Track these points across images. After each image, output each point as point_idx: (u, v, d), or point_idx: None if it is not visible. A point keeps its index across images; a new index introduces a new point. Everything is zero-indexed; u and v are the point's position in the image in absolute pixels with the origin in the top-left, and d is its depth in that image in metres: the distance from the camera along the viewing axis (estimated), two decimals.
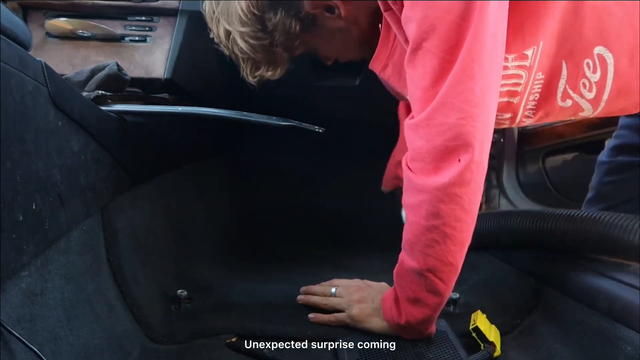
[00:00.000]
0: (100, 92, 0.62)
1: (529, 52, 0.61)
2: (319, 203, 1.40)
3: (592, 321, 0.58)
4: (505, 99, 0.64)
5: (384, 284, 0.76)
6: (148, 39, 0.91)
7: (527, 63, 0.62)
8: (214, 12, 0.67)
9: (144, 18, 0.92)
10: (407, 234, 0.59)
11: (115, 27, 0.90)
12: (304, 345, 0.65)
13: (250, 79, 0.71)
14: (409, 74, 0.56)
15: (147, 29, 0.92)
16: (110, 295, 0.58)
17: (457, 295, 0.77)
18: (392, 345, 0.63)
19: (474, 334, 0.66)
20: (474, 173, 0.53)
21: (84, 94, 0.61)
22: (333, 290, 0.74)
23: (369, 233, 1.32)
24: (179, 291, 0.70)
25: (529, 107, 0.65)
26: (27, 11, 0.90)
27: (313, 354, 0.63)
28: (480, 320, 0.65)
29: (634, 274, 0.55)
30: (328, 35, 0.67)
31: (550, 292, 0.67)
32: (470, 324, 0.66)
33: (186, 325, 0.66)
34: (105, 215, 0.61)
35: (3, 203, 0.37)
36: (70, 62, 0.86)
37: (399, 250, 0.66)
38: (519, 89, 0.63)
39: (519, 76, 0.63)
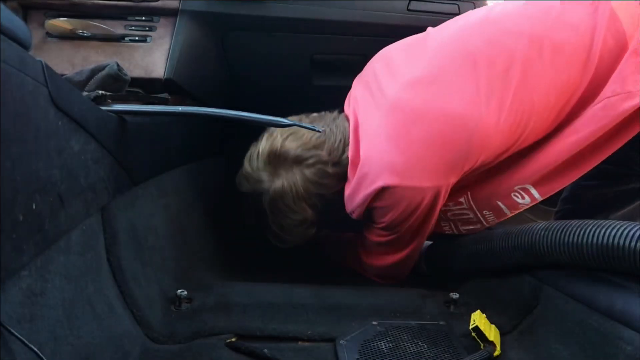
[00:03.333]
0: (100, 92, 0.62)
1: (462, 199, 0.83)
2: None
3: (592, 321, 0.58)
4: (471, 227, 0.86)
5: None
6: (148, 39, 0.91)
7: (465, 206, 0.84)
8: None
9: (144, 18, 0.92)
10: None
11: (115, 27, 0.90)
12: (304, 345, 0.65)
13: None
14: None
15: (147, 29, 0.92)
16: (110, 295, 0.58)
17: (457, 295, 0.77)
18: (392, 345, 0.64)
19: (474, 334, 0.66)
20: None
21: (84, 94, 0.61)
22: None
23: None
24: (179, 291, 0.70)
25: (491, 221, 0.84)
26: (27, 11, 0.90)
27: (313, 354, 0.63)
28: (480, 320, 0.66)
29: (634, 274, 0.55)
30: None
31: (550, 292, 0.67)
32: (470, 324, 0.66)
33: (186, 325, 0.66)
34: (105, 215, 0.61)
35: (3, 203, 0.37)
36: (70, 62, 0.86)
37: None
38: (473, 218, 0.85)
39: (466, 214, 0.85)
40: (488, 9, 0.81)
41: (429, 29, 0.86)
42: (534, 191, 0.76)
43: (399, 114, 0.72)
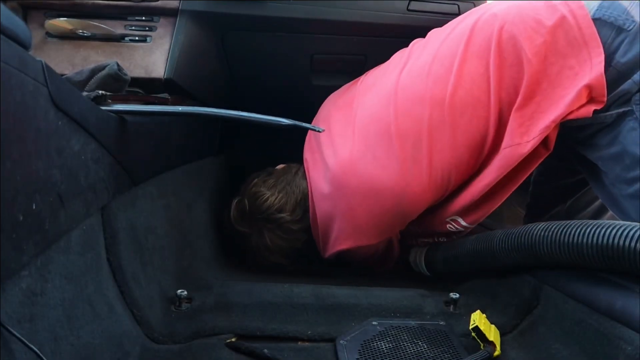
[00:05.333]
0: (100, 92, 0.62)
1: (410, 227, 0.93)
2: None
3: (592, 321, 0.58)
4: (425, 240, 0.99)
5: None
6: (148, 39, 0.91)
7: (413, 231, 0.97)
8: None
9: (144, 18, 0.92)
10: None
11: (115, 27, 0.90)
12: (304, 345, 0.65)
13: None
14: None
15: (147, 29, 0.92)
16: (110, 295, 0.58)
17: (457, 295, 0.77)
18: (392, 345, 0.64)
19: (473, 334, 0.66)
20: None
21: (84, 94, 0.61)
22: None
23: None
24: (179, 291, 0.70)
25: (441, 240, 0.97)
26: (27, 11, 0.90)
27: (313, 354, 0.63)
28: (480, 320, 0.65)
29: (634, 274, 0.55)
30: None
31: (550, 292, 0.67)
32: (470, 324, 0.66)
33: (186, 325, 0.66)
34: (105, 215, 0.61)
35: (3, 203, 0.37)
36: (70, 62, 0.86)
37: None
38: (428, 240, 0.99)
39: (418, 233, 0.98)
40: (399, 71, 0.87)
41: (360, 81, 0.96)
42: (461, 221, 0.89)
43: (339, 190, 0.83)
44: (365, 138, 0.83)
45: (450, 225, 0.90)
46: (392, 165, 0.80)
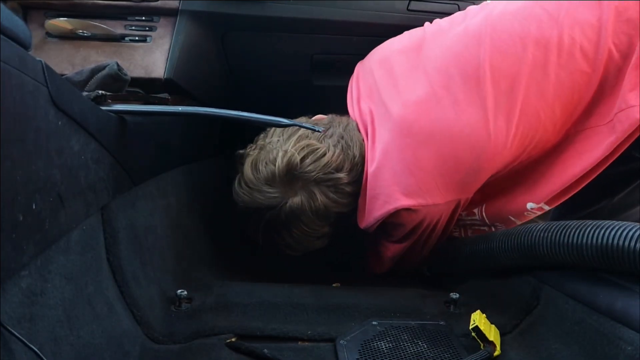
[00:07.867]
0: (100, 92, 0.62)
1: (475, 211, 0.86)
2: None
3: (592, 321, 0.58)
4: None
5: None
6: (148, 38, 0.91)
7: (477, 217, 0.87)
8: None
9: (144, 18, 0.92)
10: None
11: (115, 27, 0.90)
12: (304, 345, 0.65)
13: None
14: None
15: (147, 29, 0.92)
16: (110, 295, 0.58)
17: (457, 295, 0.77)
18: (392, 345, 0.64)
19: (473, 334, 0.66)
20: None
21: (84, 93, 0.61)
22: None
23: None
24: (179, 291, 0.70)
25: (499, 228, 0.86)
26: (27, 11, 0.90)
27: (313, 354, 0.63)
28: (480, 320, 0.66)
29: (634, 275, 0.55)
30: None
31: (550, 292, 0.67)
32: (470, 324, 0.66)
33: (186, 325, 0.66)
34: (105, 215, 0.61)
35: (3, 203, 0.37)
36: (70, 62, 0.86)
37: None
38: (484, 228, 0.88)
39: (477, 223, 0.88)
40: (489, 10, 0.79)
41: (426, 27, 0.86)
42: (545, 206, 0.80)
43: (407, 137, 0.72)
44: (445, 79, 0.73)
45: (529, 214, 0.81)
46: (476, 111, 0.71)
